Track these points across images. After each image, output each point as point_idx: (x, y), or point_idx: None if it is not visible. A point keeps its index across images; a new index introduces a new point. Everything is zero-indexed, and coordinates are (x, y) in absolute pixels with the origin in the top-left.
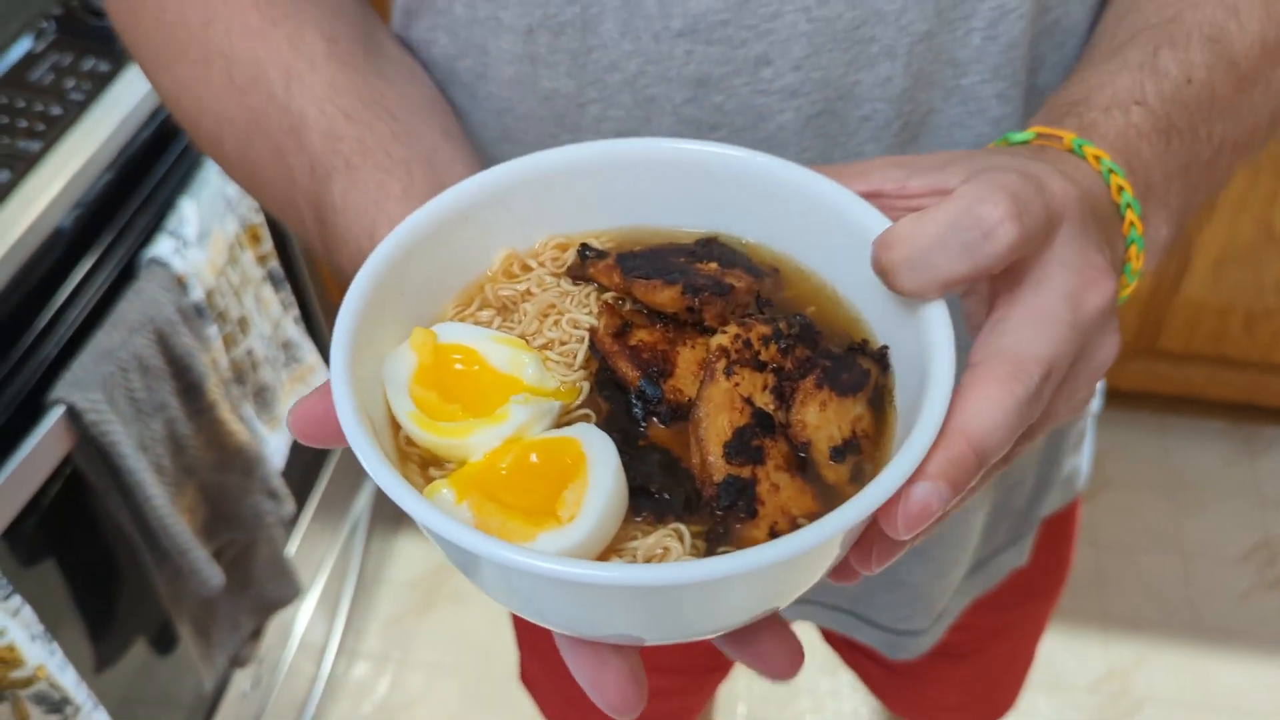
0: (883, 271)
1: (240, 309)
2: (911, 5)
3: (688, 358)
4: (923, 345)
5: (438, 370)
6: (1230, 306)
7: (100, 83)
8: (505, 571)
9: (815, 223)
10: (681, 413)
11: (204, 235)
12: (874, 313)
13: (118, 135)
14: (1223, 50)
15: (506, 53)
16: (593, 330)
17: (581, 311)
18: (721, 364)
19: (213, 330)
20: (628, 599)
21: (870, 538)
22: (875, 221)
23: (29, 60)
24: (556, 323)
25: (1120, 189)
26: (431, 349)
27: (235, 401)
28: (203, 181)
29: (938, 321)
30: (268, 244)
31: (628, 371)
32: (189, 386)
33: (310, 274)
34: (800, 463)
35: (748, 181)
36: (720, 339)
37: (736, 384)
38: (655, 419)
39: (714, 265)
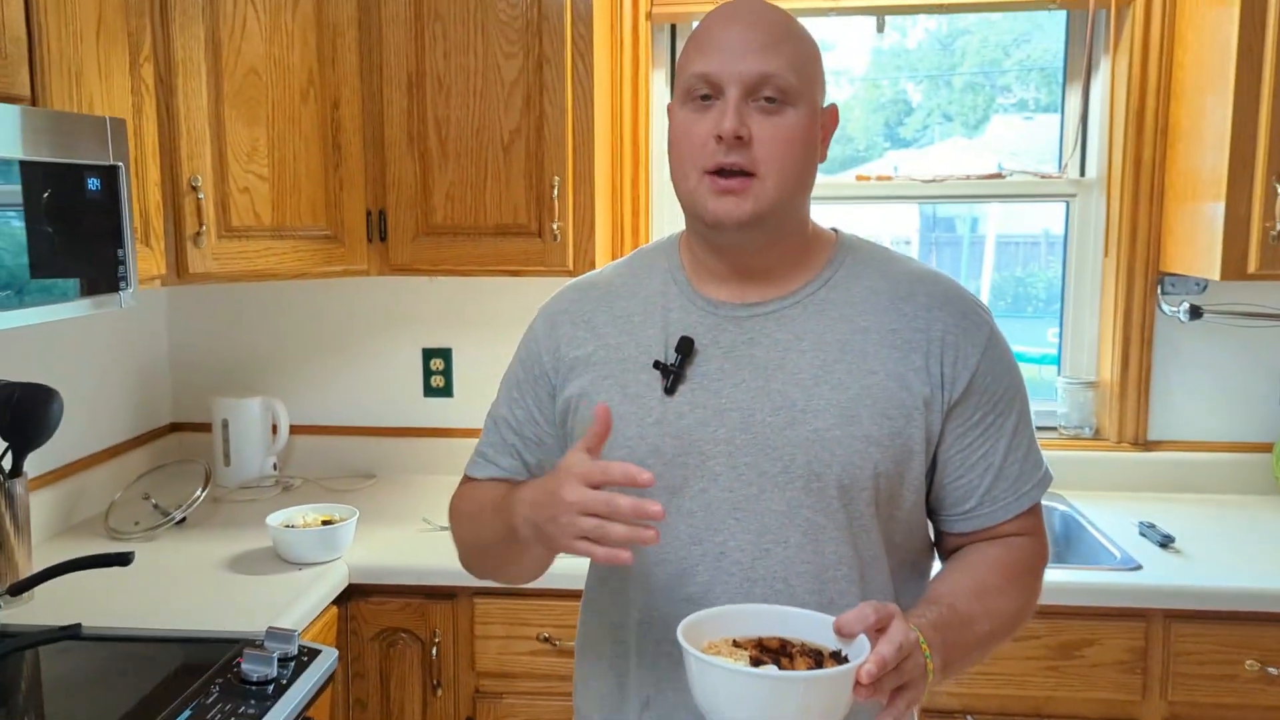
0: (839, 631)
1: None
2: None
3: (788, 654)
4: (857, 647)
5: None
6: None
7: None
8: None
9: (813, 624)
10: (790, 658)
11: None
12: (833, 644)
13: None
14: (949, 608)
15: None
16: (754, 654)
17: (743, 653)
18: (798, 651)
19: None
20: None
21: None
22: (827, 620)
23: None
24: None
25: (920, 639)
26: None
27: None
28: None
29: (864, 641)
30: None
31: (765, 654)
32: None
33: None
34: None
35: (781, 618)
36: (795, 650)
37: (802, 654)
38: (783, 661)
39: (777, 640)
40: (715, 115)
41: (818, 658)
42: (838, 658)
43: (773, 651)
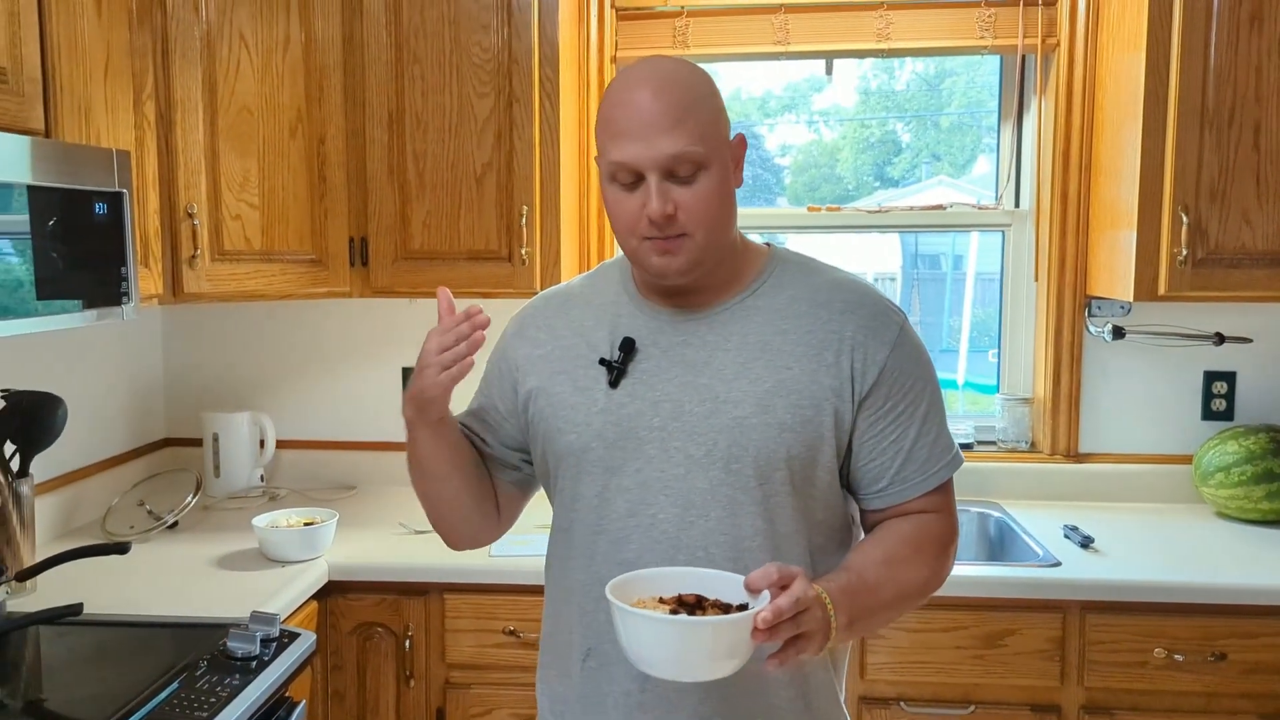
0: (747, 587)
1: None
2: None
3: (702, 607)
4: (761, 601)
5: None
6: None
7: None
8: (643, 623)
9: (727, 584)
10: (704, 610)
11: None
12: (743, 600)
13: None
14: (857, 575)
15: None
16: (673, 607)
17: (665, 608)
18: (711, 605)
19: None
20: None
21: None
22: (740, 579)
23: None
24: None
25: (825, 597)
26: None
27: None
28: None
29: (768, 597)
30: None
31: (682, 607)
32: None
33: None
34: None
35: (699, 578)
36: (708, 604)
37: (715, 607)
38: (697, 612)
39: (694, 596)
40: (641, 196)
41: (727, 610)
42: (743, 609)
43: (689, 605)
